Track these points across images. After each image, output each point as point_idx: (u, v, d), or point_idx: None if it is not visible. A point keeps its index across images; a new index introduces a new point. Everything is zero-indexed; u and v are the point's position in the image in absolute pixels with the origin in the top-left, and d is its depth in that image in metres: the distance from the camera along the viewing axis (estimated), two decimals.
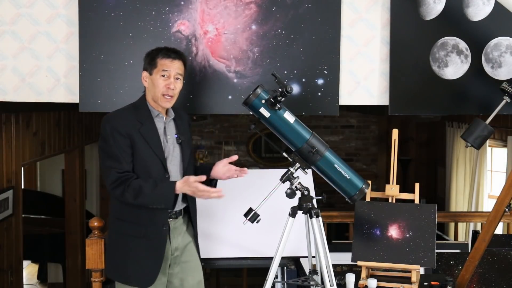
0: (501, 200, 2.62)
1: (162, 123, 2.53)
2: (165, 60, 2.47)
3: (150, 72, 2.49)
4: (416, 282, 2.74)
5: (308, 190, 2.50)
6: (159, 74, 2.47)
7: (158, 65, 2.47)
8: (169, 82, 2.46)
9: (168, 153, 2.51)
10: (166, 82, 2.46)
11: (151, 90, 2.51)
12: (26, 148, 4.63)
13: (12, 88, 3.07)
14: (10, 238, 4.45)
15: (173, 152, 2.53)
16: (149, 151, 2.44)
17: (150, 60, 2.50)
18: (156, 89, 2.47)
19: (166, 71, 2.47)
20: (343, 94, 3.15)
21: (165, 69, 2.46)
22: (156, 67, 2.47)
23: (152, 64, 2.49)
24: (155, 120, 2.51)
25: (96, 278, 2.89)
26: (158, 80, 2.47)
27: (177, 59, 2.50)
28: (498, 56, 3.12)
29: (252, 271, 3.89)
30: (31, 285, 6.94)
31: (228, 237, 3.02)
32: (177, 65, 2.49)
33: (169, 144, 2.52)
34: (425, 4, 3.08)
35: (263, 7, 3.04)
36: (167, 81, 2.47)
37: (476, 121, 2.89)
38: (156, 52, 2.51)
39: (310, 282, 2.63)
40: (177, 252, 2.58)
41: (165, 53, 2.49)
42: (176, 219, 2.56)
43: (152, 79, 2.48)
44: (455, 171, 6.51)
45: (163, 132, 2.52)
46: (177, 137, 2.55)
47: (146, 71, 2.52)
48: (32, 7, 3.03)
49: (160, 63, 2.47)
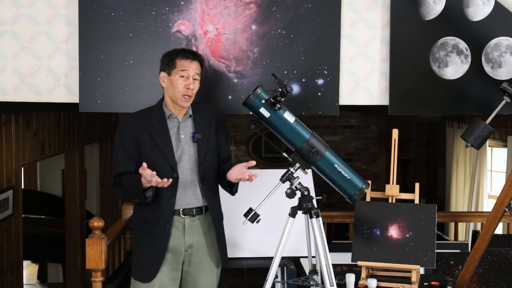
0: (501, 200, 2.62)
1: (176, 123, 2.58)
2: (184, 61, 2.53)
3: (169, 73, 2.54)
4: (416, 282, 2.74)
5: (308, 190, 2.50)
6: (178, 74, 2.52)
7: (177, 66, 2.53)
8: (189, 83, 2.52)
9: (182, 152, 2.56)
10: (185, 83, 2.52)
11: (169, 91, 2.56)
12: (26, 148, 4.63)
13: (12, 88, 3.07)
14: (10, 238, 4.45)
15: (188, 151, 2.57)
16: (157, 151, 2.52)
17: (169, 61, 2.55)
18: (176, 89, 2.52)
19: (185, 71, 2.52)
20: (343, 94, 3.15)
21: (184, 69, 2.52)
22: (175, 67, 2.53)
23: (171, 65, 2.54)
24: (168, 121, 2.57)
25: (96, 278, 2.88)
26: (177, 80, 2.52)
27: (196, 60, 2.57)
28: (498, 56, 3.12)
29: (252, 271, 3.89)
30: (31, 285, 6.94)
31: (228, 237, 3.02)
32: (195, 65, 2.56)
33: (182, 144, 2.56)
34: (425, 4, 3.08)
35: (263, 7, 3.04)
36: (187, 81, 2.52)
37: (476, 121, 2.88)
38: (175, 53, 2.56)
39: (310, 282, 2.63)
40: (191, 250, 2.60)
41: (183, 54, 2.55)
42: (193, 216, 2.59)
43: (171, 79, 2.54)
44: (455, 171, 6.51)
45: (176, 132, 2.57)
46: (192, 136, 2.58)
47: (164, 72, 2.57)
48: (32, 7, 3.03)
49: (179, 64, 2.53)
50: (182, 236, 2.58)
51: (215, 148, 2.63)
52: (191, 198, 2.58)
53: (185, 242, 2.59)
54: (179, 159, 2.55)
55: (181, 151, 2.56)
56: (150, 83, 2.97)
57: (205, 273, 2.64)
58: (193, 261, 2.62)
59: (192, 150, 2.58)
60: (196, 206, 2.59)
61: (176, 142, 2.56)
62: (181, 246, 2.58)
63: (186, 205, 2.57)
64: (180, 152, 2.55)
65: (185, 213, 2.58)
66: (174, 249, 2.57)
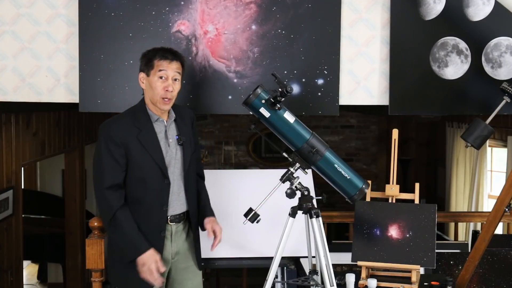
0: (501, 200, 2.62)
1: (162, 126, 2.48)
2: (163, 61, 2.40)
3: (147, 74, 2.43)
4: (416, 282, 2.74)
5: (308, 190, 2.50)
6: (156, 76, 2.40)
7: (155, 66, 2.40)
8: (167, 85, 2.40)
9: (171, 157, 2.47)
10: (164, 85, 2.40)
11: (148, 92, 2.45)
12: (26, 148, 4.63)
13: (12, 88, 3.07)
14: (10, 238, 4.45)
15: (176, 155, 2.49)
16: (147, 157, 2.40)
17: (147, 61, 2.43)
18: (155, 92, 2.40)
19: (163, 72, 2.40)
20: (343, 94, 3.15)
21: (162, 70, 2.40)
22: (153, 68, 2.40)
23: (149, 65, 2.42)
24: (155, 125, 2.46)
25: (96, 278, 2.88)
26: (156, 82, 2.40)
27: (175, 60, 2.43)
28: (498, 56, 3.12)
29: (252, 271, 3.89)
30: (31, 285, 6.94)
31: (228, 237, 3.02)
32: (174, 66, 2.43)
33: (171, 148, 2.48)
34: (425, 4, 3.08)
35: (263, 7, 3.04)
36: (165, 83, 2.40)
37: (476, 121, 2.88)
38: (153, 53, 2.43)
39: (310, 282, 2.63)
40: (177, 257, 2.57)
41: (162, 54, 2.41)
42: (178, 223, 2.54)
43: (150, 81, 2.41)
44: (455, 171, 6.51)
45: (164, 136, 2.47)
46: (177, 138, 2.50)
47: (143, 72, 2.45)
48: (32, 7, 3.03)
49: (157, 65, 2.40)
50: (170, 244, 2.52)
51: (194, 152, 2.58)
52: (178, 203, 2.52)
53: (172, 250, 2.53)
54: (168, 164, 2.46)
55: (170, 155, 2.47)
56: None
57: (190, 277, 2.61)
58: (179, 267, 2.57)
59: (179, 153, 2.50)
60: (181, 211, 2.54)
61: (165, 147, 2.45)
62: (169, 254, 2.53)
63: (174, 211, 2.50)
64: (169, 157, 2.46)
65: (172, 220, 2.51)
66: (164, 258, 2.49)
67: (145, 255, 2.35)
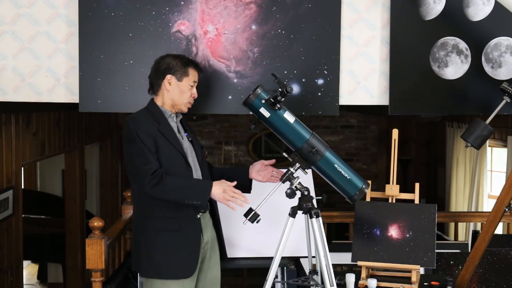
0: (501, 200, 2.62)
1: (174, 122, 2.60)
2: (196, 72, 2.62)
3: (179, 79, 2.57)
4: (416, 282, 2.74)
5: (308, 190, 2.50)
6: (188, 83, 2.58)
7: (190, 75, 2.58)
8: (195, 92, 2.61)
9: (186, 150, 2.58)
10: (192, 91, 2.60)
11: (174, 95, 2.57)
12: (26, 148, 4.63)
13: (12, 88, 3.07)
14: (10, 238, 4.45)
15: (190, 149, 2.61)
16: (170, 147, 2.51)
17: (182, 66, 2.58)
18: (183, 96, 2.57)
19: (195, 83, 2.61)
20: (343, 94, 3.15)
21: (195, 81, 2.61)
22: (188, 76, 2.57)
23: (183, 72, 2.57)
24: (169, 120, 2.58)
25: (96, 278, 2.88)
26: (186, 87, 2.58)
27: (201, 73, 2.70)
28: (498, 56, 3.12)
29: (252, 271, 3.89)
30: (31, 285, 6.94)
31: (228, 237, 3.02)
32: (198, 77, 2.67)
33: (184, 141, 2.60)
34: (425, 4, 3.08)
35: (263, 7, 3.04)
36: (193, 90, 2.61)
37: (476, 121, 2.88)
38: (187, 61, 2.61)
39: (310, 282, 2.63)
40: (207, 246, 2.63)
41: (196, 66, 2.64)
42: (205, 213, 2.62)
43: (180, 85, 2.57)
44: (455, 171, 6.51)
45: (177, 131, 2.60)
46: (187, 135, 2.63)
47: (173, 76, 2.57)
48: (32, 7, 3.03)
49: (192, 74, 2.59)
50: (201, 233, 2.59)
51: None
52: None
53: (204, 239, 2.60)
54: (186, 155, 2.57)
55: (186, 148, 2.59)
56: None
57: (211, 267, 2.67)
58: (206, 256, 2.64)
59: (191, 148, 2.63)
60: None
61: (180, 139, 2.58)
62: (201, 243, 2.59)
63: None
64: (185, 150, 2.58)
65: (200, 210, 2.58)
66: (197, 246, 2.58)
67: (217, 186, 2.45)
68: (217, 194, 2.44)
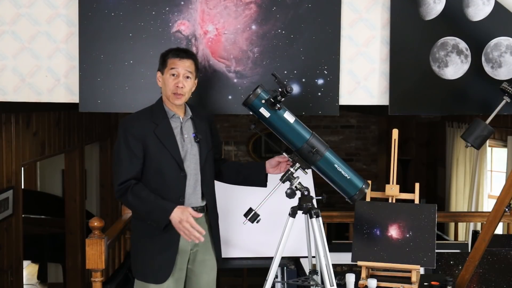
0: (501, 200, 2.62)
1: (178, 123, 2.58)
2: (174, 59, 2.54)
3: (162, 72, 2.57)
4: (416, 282, 2.74)
5: (308, 190, 2.50)
6: (169, 73, 2.53)
7: (168, 64, 2.54)
8: (178, 81, 2.52)
9: (186, 152, 2.56)
10: (175, 81, 2.52)
11: (163, 90, 2.58)
12: (26, 148, 4.63)
13: (12, 88, 3.07)
14: (10, 238, 4.45)
15: (191, 151, 2.58)
16: (163, 151, 2.50)
17: (162, 60, 2.59)
18: (167, 88, 2.54)
19: (174, 69, 2.52)
20: (343, 94, 3.15)
21: (174, 67, 2.53)
22: (167, 66, 2.54)
23: (163, 64, 2.57)
24: (171, 121, 2.56)
25: (96, 278, 2.88)
26: (168, 79, 2.53)
27: (186, 58, 2.56)
28: (498, 56, 3.12)
29: (252, 271, 3.89)
30: (31, 285, 6.94)
31: (228, 237, 3.02)
32: (186, 64, 2.54)
33: (186, 143, 2.57)
34: (425, 4, 3.08)
35: (263, 7, 3.04)
36: (176, 80, 2.52)
37: (476, 121, 2.88)
38: (167, 52, 2.59)
39: (310, 282, 2.63)
40: (196, 248, 2.61)
41: (174, 52, 2.56)
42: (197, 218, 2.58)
43: (164, 78, 2.56)
44: (455, 171, 6.51)
45: (179, 132, 2.57)
46: (194, 136, 2.59)
47: (159, 71, 2.60)
48: (32, 7, 3.03)
49: (170, 62, 2.54)
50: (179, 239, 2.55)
51: (211, 150, 2.66)
52: (195, 197, 2.59)
53: (191, 241, 2.57)
54: (184, 158, 2.55)
55: (185, 150, 2.56)
56: (150, 83, 2.97)
57: (207, 270, 2.66)
58: (197, 259, 2.62)
59: (195, 150, 2.59)
60: (198, 205, 2.59)
61: (181, 142, 2.56)
62: (188, 245, 2.58)
63: (191, 204, 2.56)
64: (184, 152, 2.56)
65: None
66: (182, 248, 2.56)
67: (175, 212, 2.41)
68: (174, 221, 2.41)
